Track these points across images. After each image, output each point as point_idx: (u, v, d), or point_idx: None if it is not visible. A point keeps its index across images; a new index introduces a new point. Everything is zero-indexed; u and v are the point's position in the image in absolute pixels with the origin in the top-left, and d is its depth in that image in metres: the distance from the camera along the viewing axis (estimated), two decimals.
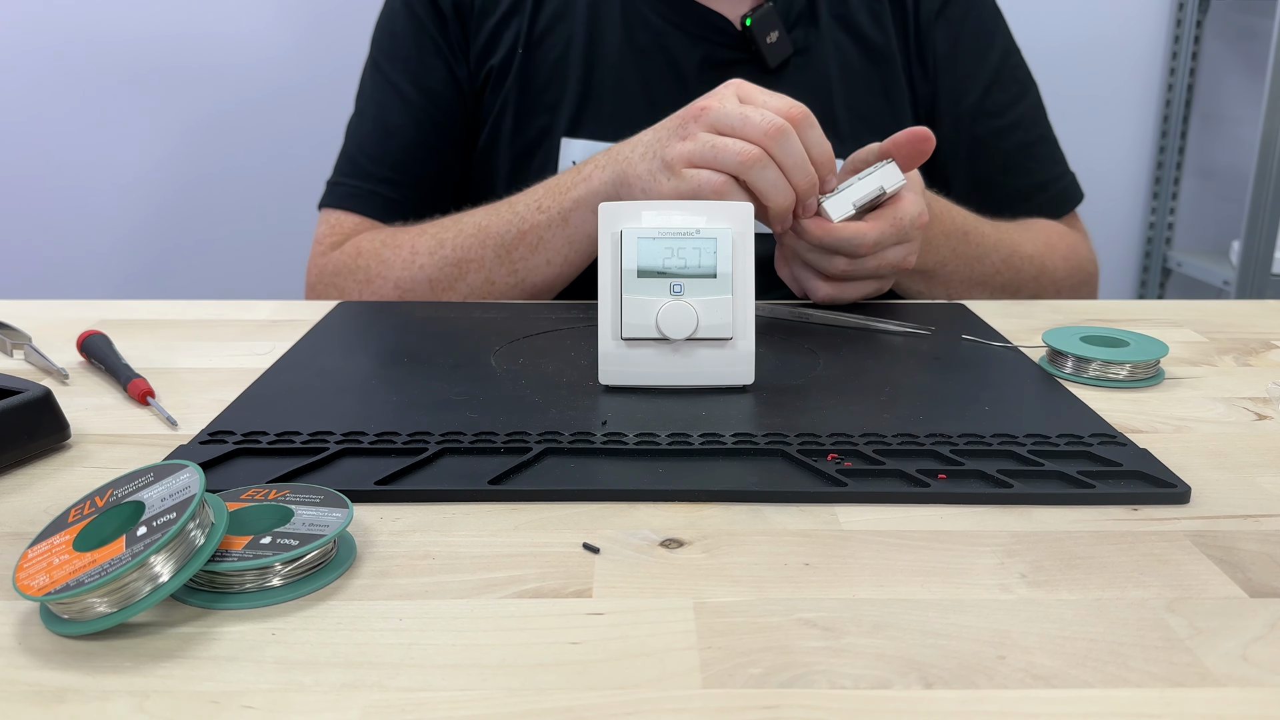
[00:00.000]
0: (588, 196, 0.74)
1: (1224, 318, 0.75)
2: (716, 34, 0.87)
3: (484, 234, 0.79)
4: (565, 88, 0.88)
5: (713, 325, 0.55)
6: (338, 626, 0.36)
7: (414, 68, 0.90)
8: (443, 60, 0.89)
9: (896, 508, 0.45)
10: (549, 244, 0.77)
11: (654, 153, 0.69)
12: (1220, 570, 0.40)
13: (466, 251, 0.80)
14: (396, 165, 0.90)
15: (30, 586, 0.35)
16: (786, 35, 0.87)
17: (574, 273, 0.79)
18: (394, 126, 0.90)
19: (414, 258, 0.82)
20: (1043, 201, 0.95)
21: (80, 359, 0.64)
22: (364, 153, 0.91)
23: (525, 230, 0.77)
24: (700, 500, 0.45)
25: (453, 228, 0.81)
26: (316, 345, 0.66)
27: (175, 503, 0.37)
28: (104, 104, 1.77)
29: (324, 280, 0.88)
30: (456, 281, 0.80)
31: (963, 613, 0.37)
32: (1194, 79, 1.88)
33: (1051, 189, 0.96)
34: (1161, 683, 0.33)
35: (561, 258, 0.77)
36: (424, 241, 0.82)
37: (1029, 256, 0.88)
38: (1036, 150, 0.96)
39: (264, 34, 1.75)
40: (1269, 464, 0.50)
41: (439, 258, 0.81)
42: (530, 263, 0.78)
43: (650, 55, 0.88)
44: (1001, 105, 0.94)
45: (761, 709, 0.32)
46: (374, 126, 0.91)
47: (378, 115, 0.91)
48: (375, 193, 0.90)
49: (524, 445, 0.49)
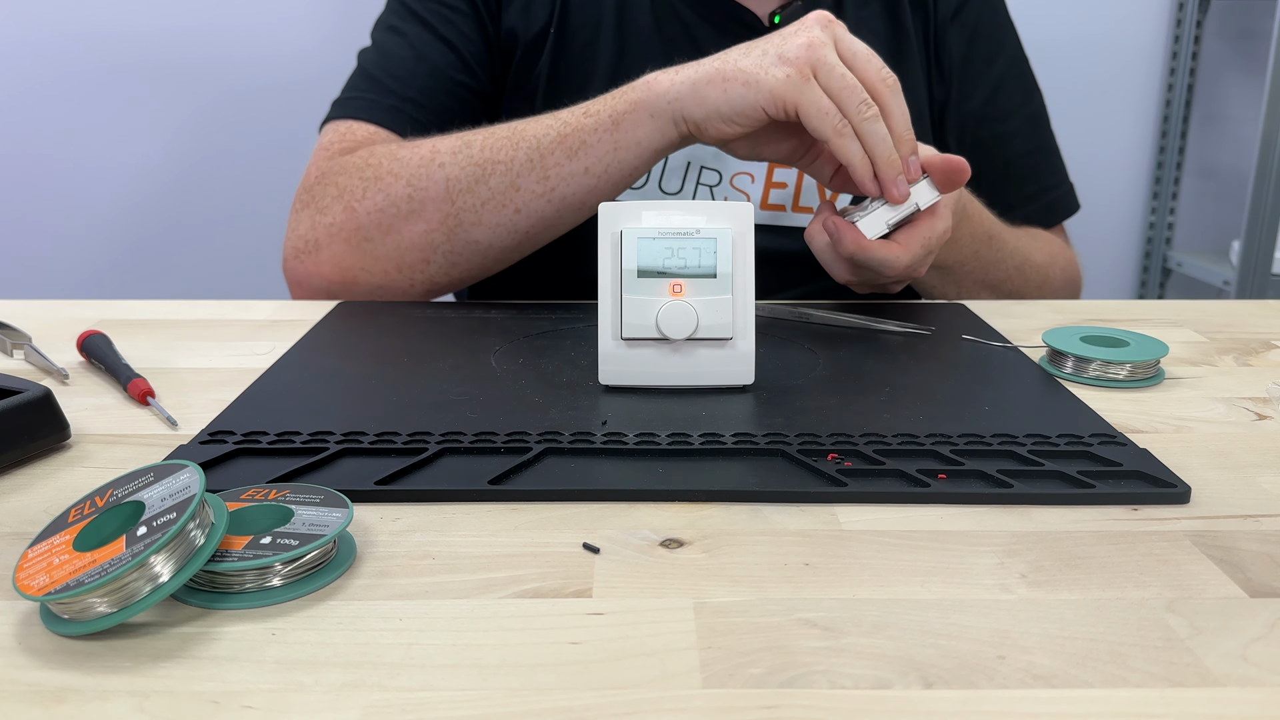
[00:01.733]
0: (649, 99, 0.69)
1: (1224, 318, 0.75)
2: (745, 29, 0.87)
3: (518, 135, 0.74)
4: (593, 74, 0.87)
5: (713, 325, 0.55)
6: (338, 626, 0.36)
7: (447, 12, 0.87)
8: (476, 17, 0.87)
9: (896, 508, 0.45)
10: (591, 149, 0.71)
11: (765, 50, 0.66)
12: (1220, 570, 0.40)
13: (495, 152, 0.74)
14: (425, 90, 0.84)
15: (30, 586, 0.35)
16: None
17: (612, 190, 0.74)
18: (426, 56, 0.85)
19: (434, 155, 0.76)
20: (1036, 209, 0.95)
21: (80, 359, 0.64)
22: (388, 72, 0.85)
23: (566, 134, 0.72)
24: (700, 500, 0.45)
25: (483, 131, 0.76)
26: (316, 345, 0.66)
27: (175, 503, 0.37)
28: (104, 103, 1.77)
29: (325, 179, 0.80)
30: (477, 184, 0.74)
31: (963, 613, 0.37)
32: (1194, 79, 1.88)
33: (1045, 198, 0.96)
34: (1161, 683, 0.33)
35: (603, 167, 0.72)
36: (447, 142, 0.76)
37: (1037, 266, 0.88)
38: (1035, 158, 0.96)
39: (268, 28, 1.75)
40: (1269, 464, 0.50)
41: (463, 157, 0.74)
42: (566, 169, 0.72)
43: (679, 45, 0.88)
44: (1005, 111, 0.94)
45: (761, 709, 0.32)
46: (401, 52, 0.85)
47: (409, 44, 0.85)
48: (397, 109, 0.83)
49: (524, 445, 0.49)
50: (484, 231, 0.75)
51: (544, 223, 0.75)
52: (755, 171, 0.87)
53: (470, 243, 0.76)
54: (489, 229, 0.75)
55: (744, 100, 0.66)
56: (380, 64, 0.86)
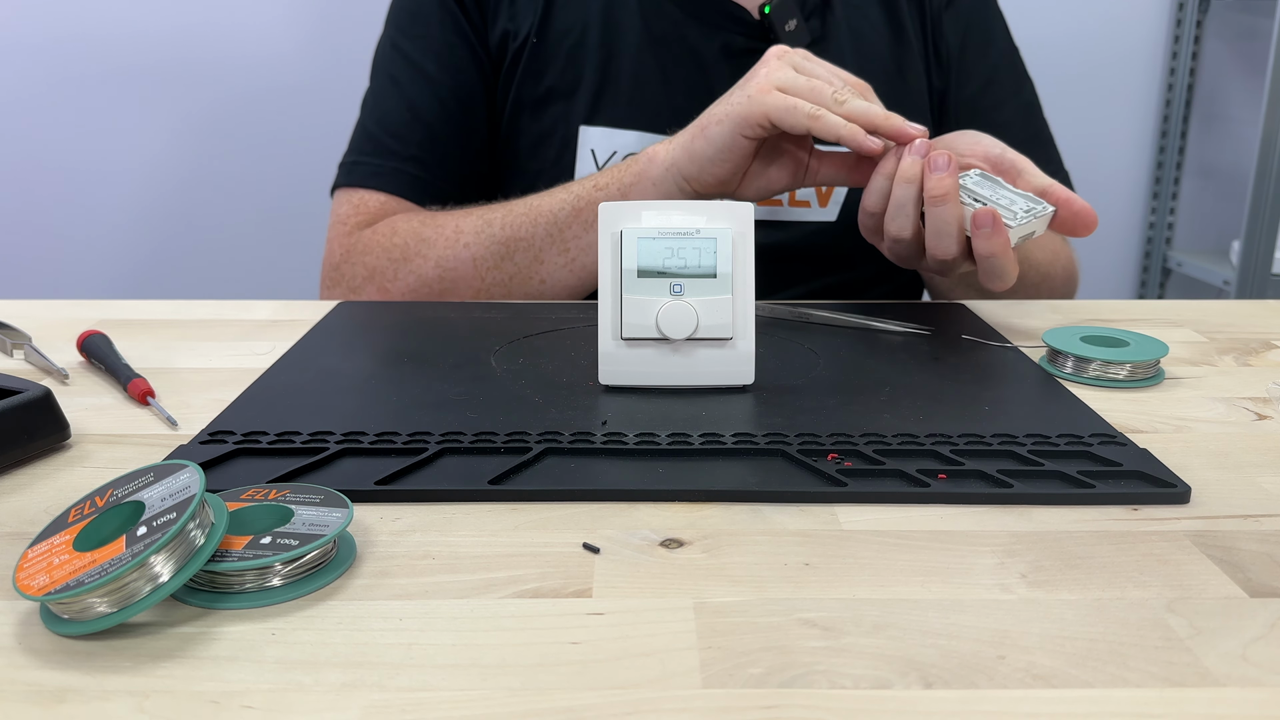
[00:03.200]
0: (650, 169, 0.74)
1: (1224, 318, 0.75)
2: (734, 23, 0.87)
3: (536, 213, 0.78)
4: (582, 76, 0.87)
5: (713, 325, 0.55)
6: (338, 626, 0.36)
7: (436, 46, 0.87)
8: (464, 39, 0.88)
9: (896, 508, 0.45)
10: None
11: (731, 91, 0.70)
12: (1220, 570, 0.40)
13: (516, 230, 0.78)
14: (423, 144, 0.87)
15: (30, 586, 0.35)
16: (804, 24, 0.87)
17: None
18: (419, 104, 0.87)
19: (458, 236, 0.80)
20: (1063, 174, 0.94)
21: (80, 359, 0.64)
22: (387, 130, 0.87)
23: (581, 208, 0.76)
24: (700, 500, 0.45)
25: (501, 209, 0.80)
26: (316, 345, 0.66)
27: (175, 503, 0.37)
28: (102, 101, 1.77)
29: (352, 259, 0.84)
30: (504, 261, 0.78)
31: (963, 613, 0.37)
32: (1194, 79, 1.88)
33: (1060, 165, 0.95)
34: (1161, 683, 0.33)
35: None
36: (470, 221, 0.80)
37: (1037, 264, 0.88)
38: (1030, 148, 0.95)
39: (267, 29, 1.75)
40: (1269, 464, 0.50)
41: (486, 236, 0.79)
42: (583, 241, 0.76)
43: (668, 44, 0.87)
44: (998, 100, 0.94)
45: (761, 709, 0.32)
46: (397, 104, 0.88)
47: (400, 93, 0.88)
48: (402, 171, 0.86)
49: (524, 445, 0.49)
50: (513, 301, 0.79)
51: (568, 289, 0.79)
52: None
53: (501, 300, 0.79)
54: (518, 299, 0.79)
55: (722, 136, 0.70)
56: (378, 120, 0.88)
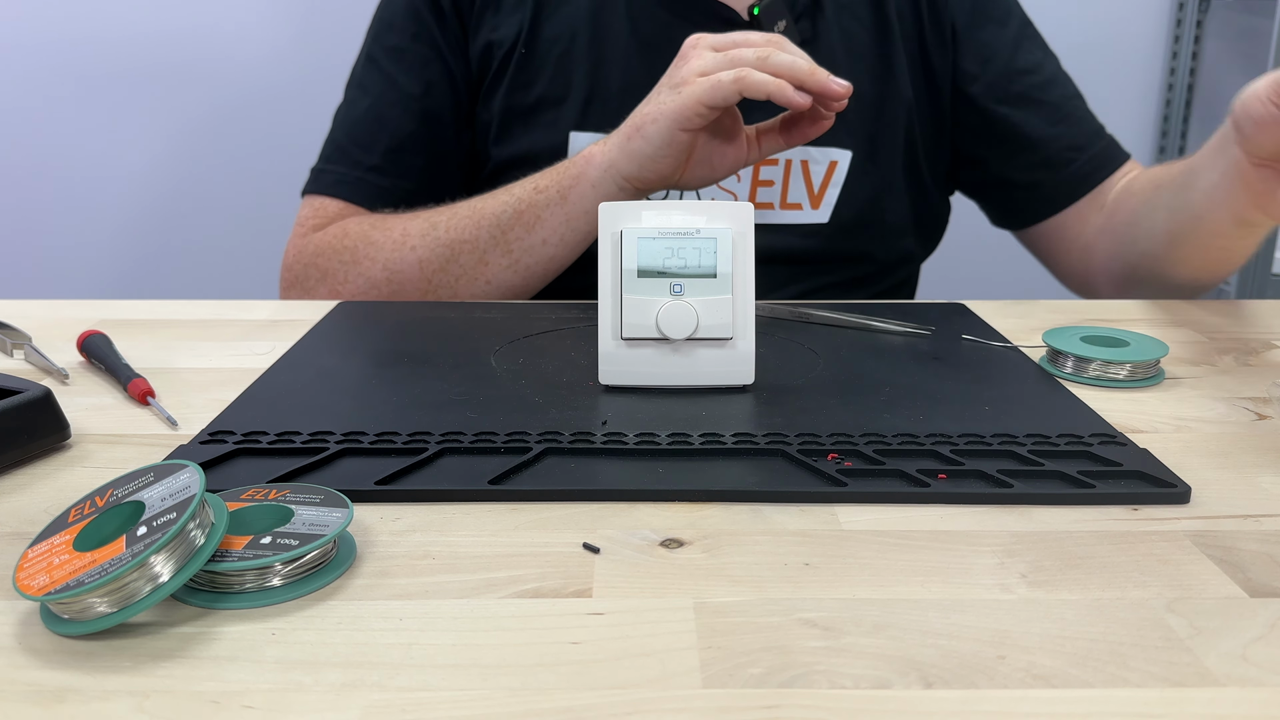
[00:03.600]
0: (588, 171, 0.74)
1: (1224, 318, 0.75)
2: (723, 24, 0.87)
3: (479, 215, 0.79)
4: (571, 83, 0.87)
5: (713, 325, 0.55)
6: (338, 626, 0.36)
7: (409, 60, 0.89)
8: (439, 55, 0.88)
9: (896, 508, 0.45)
10: (546, 223, 0.76)
11: (659, 88, 0.72)
12: (1220, 570, 0.40)
13: (460, 233, 0.79)
14: (387, 153, 0.88)
15: (30, 586, 0.35)
16: (794, 24, 0.86)
17: (571, 255, 0.78)
18: (387, 116, 0.89)
19: (405, 239, 0.81)
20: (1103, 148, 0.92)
21: (80, 359, 0.64)
22: (353, 140, 0.89)
23: (522, 210, 0.77)
24: (700, 500, 0.45)
25: (446, 212, 0.81)
26: (316, 345, 0.66)
27: (175, 503, 0.37)
28: (102, 102, 1.77)
29: (303, 261, 0.86)
30: (449, 264, 0.79)
31: (963, 613, 0.37)
32: (1194, 79, 1.88)
33: (1106, 136, 0.93)
34: (1161, 683, 0.33)
35: (558, 237, 0.77)
36: (416, 224, 0.81)
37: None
38: (1079, 103, 0.94)
39: (265, 29, 1.75)
40: (1269, 464, 0.50)
41: (431, 239, 0.80)
42: (526, 242, 0.77)
43: (657, 47, 0.87)
44: (1035, 62, 0.92)
45: (761, 709, 0.32)
46: (365, 115, 0.89)
47: (370, 105, 0.89)
48: (364, 180, 0.88)
49: (524, 445, 0.49)
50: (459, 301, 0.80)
51: (513, 290, 0.80)
52: (741, 171, 0.87)
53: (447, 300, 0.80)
54: (464, 299, 0.80)
55: (659, 133, 0.71)
56: (347, 129, 0.90)
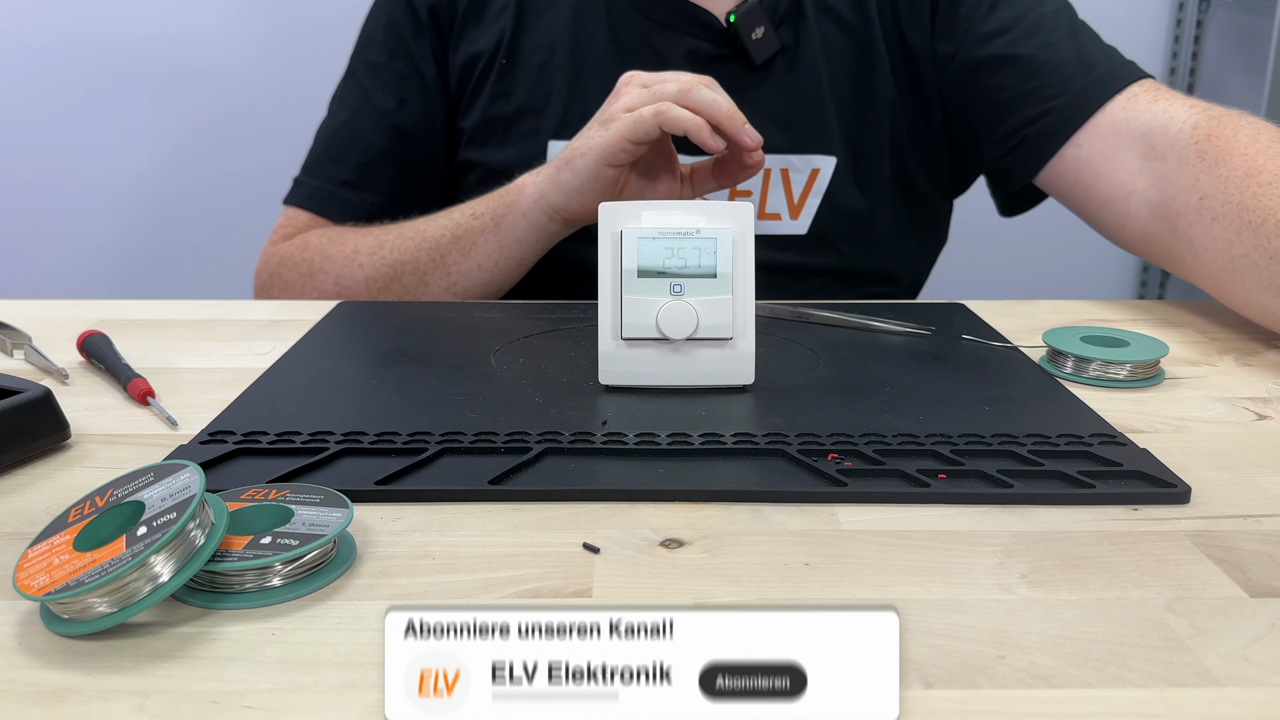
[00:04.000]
0: (520, 200, 0.77)
1: (1224, 318, 0.75)
2: (701, 29, 0.87)
3: (420, 237, 0.82)
4: (551, 91, 0.87)
5: (713, 325, 0.55)
6: (338, 626, 0.36)
7: (386, 76, 0.90)
8: (416, 72, 0.90)
9: (896, 508, 0.45)
10: (480, 249, 0.79)
11: (589, 124, 0.74)
12: (1220, 570, 0.40)
13: (403, 254, 0.82)
14: (358, 169, 0.91)
15: (30, 586, 0.35)
16: (773, 31, 0.85)
17: (506, 280, 0.82)
18: (361, 131, 0.91)
19: (354, 256, 0.84)
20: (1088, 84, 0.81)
21: (80, 359, 0.64)
22: (329, 154, 0.92)
23: (459, 235, 0.80)
24: (700, 500, 0.45)
25: (394, 230, 0.84)
26: (316, 345, 0.66)
27: (175, 503, 0.37)
28: (101, 102, 1.77)
29: (268, 269, 0.90)
30: (392, 283, 0.83)
31: (963, 613, 0.37)
32: (1194, 79, 1.88)
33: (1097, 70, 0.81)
34: (1161, 683, 0.33)
35: (492, 263, 0.80)
36: (366, 242, 0.84)
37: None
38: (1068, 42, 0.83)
39: (270, 30, 1.75)
40: (1269, 464, 0.50)
41: (377, 259, 0.83)
42: (462, 267, 0.80)
43: (636, 53, 0.87)
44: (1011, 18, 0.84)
45: None
46: (341, 129, 0.92)
47: (346, 119, 0.92)
48: (334, 195, 0.91)
49: (524, 445, 0.49)
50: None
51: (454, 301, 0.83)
52: None
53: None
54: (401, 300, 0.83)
55: (587, 168, 0.72)
56: (325, 142, 0.93)
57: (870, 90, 0.88)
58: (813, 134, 0.87)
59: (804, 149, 0.87)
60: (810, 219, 0.88)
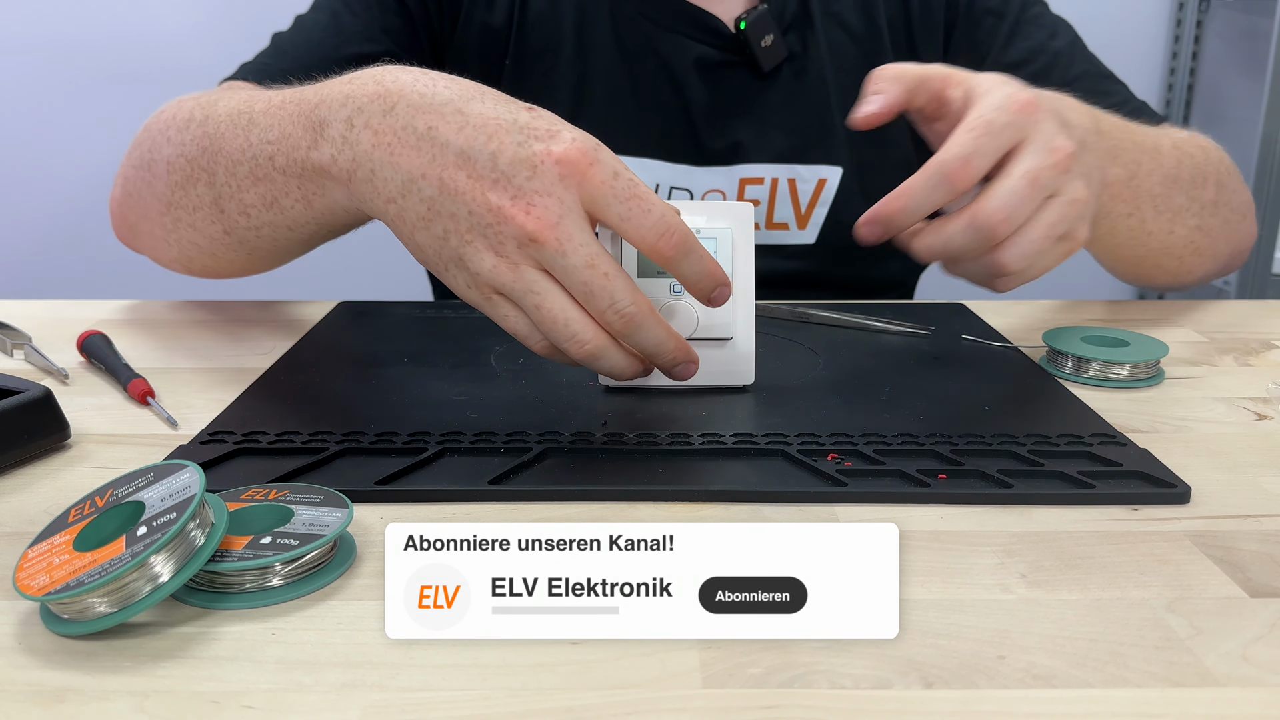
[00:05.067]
0: (326, 166, 0.52)
1: (1224, 318, 0.75)
2: (710, 35, 0.85)
3: (226, 139, 0.59)
4: (555, 97, 0.86)
5: (713, 325, 0.55)
6: (338, 626, 0.36)
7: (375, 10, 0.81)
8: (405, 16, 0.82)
9: (896, 508, 0.45)
10: (287, 211, 0.57)
11: (455, 214, 0.47)
12: (1220, 570, 0.40)
13: (210, 143, 0.60)
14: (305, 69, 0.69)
15: (30, 586, 0.35)
16: (781, 38, 0.84)
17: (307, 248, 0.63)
18: (318, 41, 0.79)
19: (173, 123, 0.65)
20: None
21: (80, 359, 0.64)
22: (276, 50, 0.81)
23: (259, 177, 0.57)
24: (700, 500, 0.45)
25: (238, 101, 0.61)
26: (316, 345, 0.66)
27: (175, 503, 0.37)
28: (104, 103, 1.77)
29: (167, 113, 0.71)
30: (186, 187, 0.62)
31: (963, 613, 0.37)
32: (1194, 79, 1.88)
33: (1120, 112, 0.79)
34: (1161, 683, 0.33)
35: (308, 234, 0.60)
36: (200, 106, 0.64)
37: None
38: (1085, 82, 0.82)
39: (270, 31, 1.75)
40: (1269, 464, 0.50)
41: (186, 136, 0.62)
42: (265, 218, 0.59)
43: (641, 59, 0.85)
44: (1029, 51, 0.85)
45: (761, 709, 0.32)
46: (293, 36, 0.81)
47: (299, 28, 0.82)
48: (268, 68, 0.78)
49: (524, 445, 0.49)
50: (200, 235, 0.65)
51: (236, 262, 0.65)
52: (726, 189, 0.86)
53: (194, 243, 0.66)
54: (205, 236, 0.64)
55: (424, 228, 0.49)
56: (273, 46, 0.83)
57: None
58: (819, 144, 0.86)
59: (810, 159, 0.85)
60: (818, 229, 0.87)
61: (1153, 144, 0.68)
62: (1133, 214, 0.66)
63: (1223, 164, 0.74)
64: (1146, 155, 0.66)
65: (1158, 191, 0.67)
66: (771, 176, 0.85)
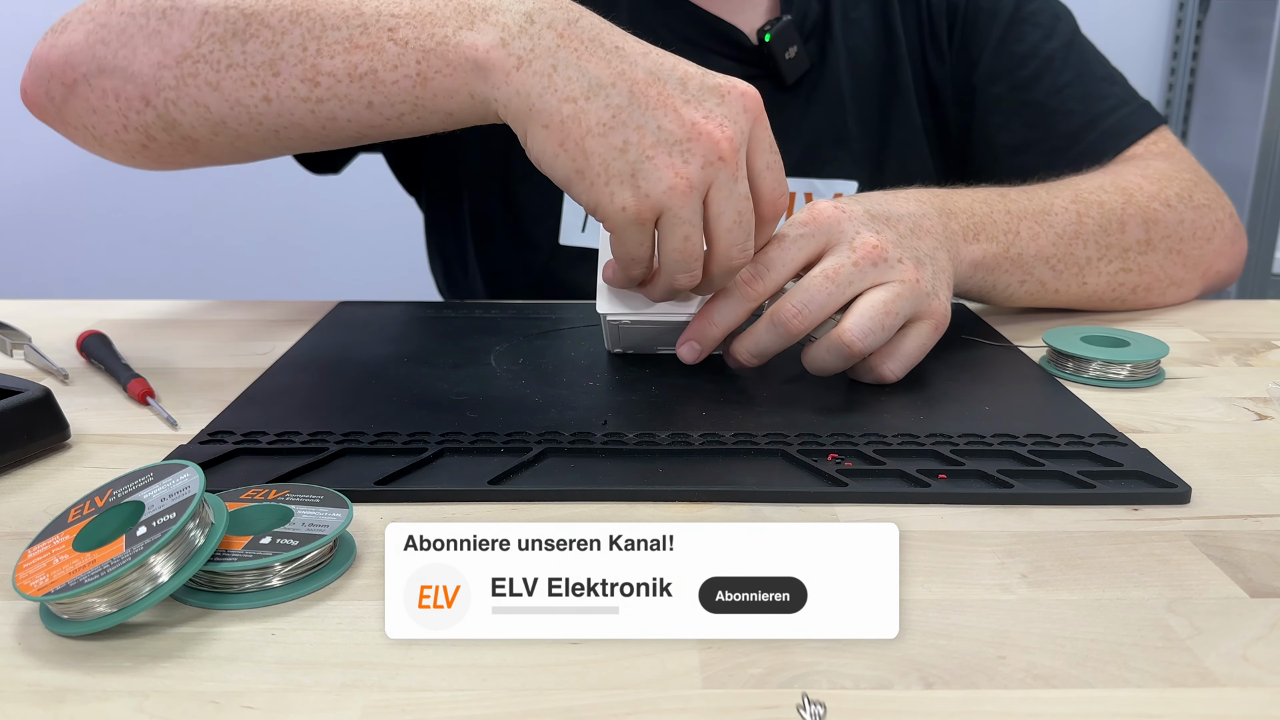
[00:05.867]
0: (482, 49, 0.49)
1: (1224, 318, 0.75)
2: (732, 48, 0.83)
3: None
4: None
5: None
6: (338, 626, 0.36)
7: None
8: None
9: (896, 508, 0.45)
10: (382, 88, 0.52)
11: (642, 125, 0.47)
12: (1220, 570, 0.40)
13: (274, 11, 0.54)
14: None
15: (30, 586, 0.35)
16: (804, 49, 0.83)
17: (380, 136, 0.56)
18: None
19: None
20: (1095, 139, 0.81)
21: (80, 359, 0.64)
22: None
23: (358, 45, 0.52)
24: (700, 500, 0.45)
25: None
26: (316, 345, 0.66)
27: (175, 503, 0.37)
28: None
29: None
30: (231, 39, 0.55)
31: (963, 613, 0.37)
32: (1194, 79, 1.88)
33: (1103, 124, 0.82)
34: (1161, 683, 0.33)
35: (391, 117, 0.54)
36: None
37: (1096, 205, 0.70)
38: (1075, 89, 0.83)
39: None
40: (1269, 464, 0.50)
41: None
42: (343, 89, 0.53)
43: None
44: (1019, 55, 0.84)
45: (761, 709, 0.32)
46: None
47: None
48: None
49: (524, 445, 0.49)
50: (218, 100, 0.56)
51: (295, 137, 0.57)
52: None
53: (199, 106, 0.57)
54: (225, 102, 0.56)
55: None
56: None
57: (895, 111, 0.86)
58: (835, 157, 0.85)
59: (826, 173, 0.84)
60: None
61: (1040, 207, 0.68)
62: (1026, 280, 0.68)
63: (1158, 198, 0.74)
64: (1029, 220, 0.67)
65: (1050, 252, 0.68)
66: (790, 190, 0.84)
